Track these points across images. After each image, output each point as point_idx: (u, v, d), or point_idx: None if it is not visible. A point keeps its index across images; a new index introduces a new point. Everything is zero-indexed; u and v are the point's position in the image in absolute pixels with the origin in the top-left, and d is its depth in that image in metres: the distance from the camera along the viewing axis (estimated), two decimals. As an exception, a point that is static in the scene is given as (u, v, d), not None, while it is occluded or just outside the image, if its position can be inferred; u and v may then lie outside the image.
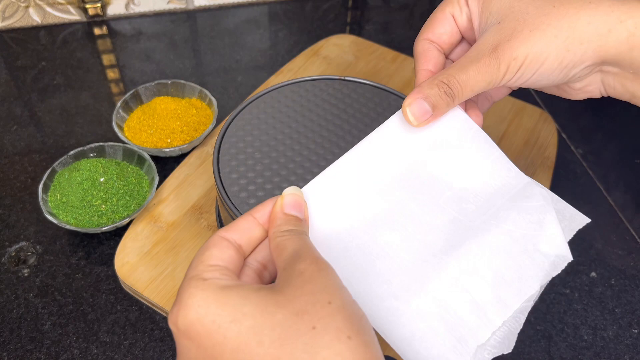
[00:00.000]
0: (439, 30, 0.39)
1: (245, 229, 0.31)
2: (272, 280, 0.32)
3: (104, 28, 0.75)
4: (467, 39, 0.40)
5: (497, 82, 0.34)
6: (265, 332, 0.25)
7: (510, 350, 0.31)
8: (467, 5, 0.37)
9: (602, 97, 0.37)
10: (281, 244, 0.29)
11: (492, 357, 0.30)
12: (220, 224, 0.50)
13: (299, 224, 0.31)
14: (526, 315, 0.32)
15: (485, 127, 0.61)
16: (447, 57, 0.41)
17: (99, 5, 0.74)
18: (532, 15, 0.33)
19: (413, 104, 0.35)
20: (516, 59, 0.33)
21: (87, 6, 0.74)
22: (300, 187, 0.43)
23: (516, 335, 0.31)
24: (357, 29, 0.78)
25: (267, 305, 0.25)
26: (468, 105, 0.39)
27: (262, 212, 0.32)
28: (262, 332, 0.25)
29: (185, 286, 0.27)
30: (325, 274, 0.27)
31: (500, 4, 0.35)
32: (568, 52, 0.33)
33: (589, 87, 0.36)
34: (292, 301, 0.25)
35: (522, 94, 0.69)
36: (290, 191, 0.32)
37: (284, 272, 0.28)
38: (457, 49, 0.41)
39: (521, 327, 0.32)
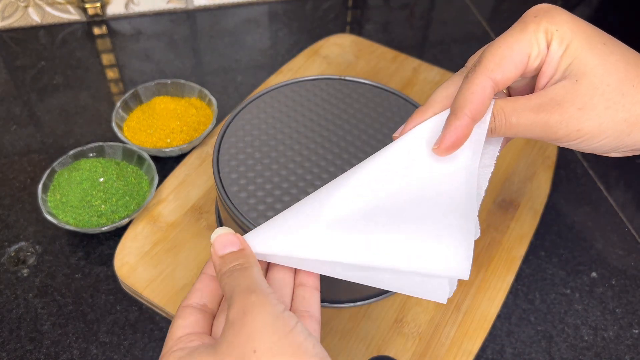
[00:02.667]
0: (509, 71, 0.32)
1: (203, 288, 0.32)
2: None
3: (104, 28, 0.75)
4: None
5: (546, 140, 0.32)
6: None
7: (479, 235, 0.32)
8: (548, 46, 0.32)
9: None
10: (225, 292, 0.30)
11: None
12: (220, 224, 0.50)
13: (238, 256, 0.31)
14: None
15: (486, 127, 0.61)
16: None
17: (98, 4, 0.74)
18: (611, 89, 0.30)
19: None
20: (579, 130, 0.31)
21: (87, 6, 0.74)
22: (301, 187, 0.43)
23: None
24: (357, 29, 0.78)
25: None
26: None
27: (211, 267, 0.33)
28: None
29: None
30: (251, 318, 0.27)
31: (584, 59, 0.31)
32: (629, 136, 0.31)
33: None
34: (224, 359, 0.27)
35: (523, 93, 0.69)
36: (218, 232, 0.32)
37: (225, 323, 0.28)
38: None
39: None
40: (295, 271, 0.34)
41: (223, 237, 0.32)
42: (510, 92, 0.37)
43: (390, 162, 0.34)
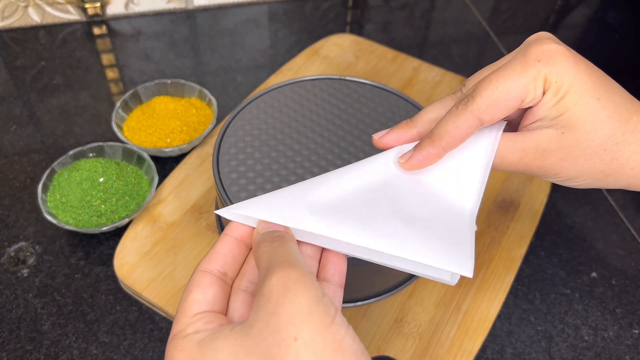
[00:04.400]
0: (499, 114, 0.32)
1: (226, 253, 0.30)
2: None
3: (104, 28, 0.75)
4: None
5: (516, 171, 0.34)
6: None
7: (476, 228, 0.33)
8: (544, 92, 0.32)
9: None
10: (259, 261, 0.28)
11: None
12: (220, 224, 0.50)
13: (274, 233, 0.30)
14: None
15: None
16: None
17: (98, 4, 0.74)
18: (595, 145, 0.32)
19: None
20: (557, 174, 0.33)
21: (87, 6, 0.74)
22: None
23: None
24: (357, 29, 0.78)
25: (238, 353, 0.25)
26: None
27: (237, 228, 0.31)
28: None
29: (169, 347, 0.27)
30: (292, 296, 0.24)
31: (577, 110, 0.31)
32: (602, 181, 0.34)
33: None
34: (258, 344, 0.24)
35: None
36: (261, 225, 0.31)
37: (256, 297, 0.26)
38: None
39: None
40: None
41: (267, 223, 0.31)
42: None
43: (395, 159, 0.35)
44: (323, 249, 0.32)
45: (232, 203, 0.42)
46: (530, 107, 0.33)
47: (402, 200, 0.33)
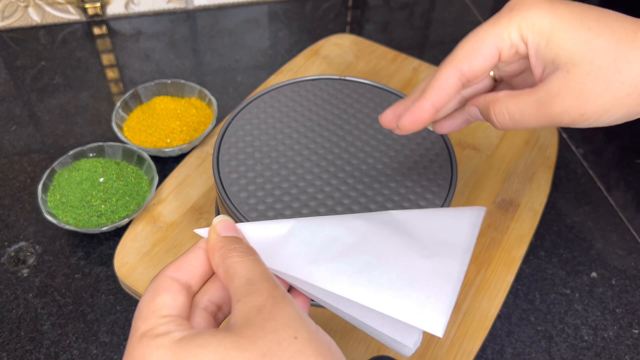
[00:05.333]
0: (476, 62, 0.33)
1: (196, 267, 0.29)
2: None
3: (104, 28, 0.75)
4: (506, 71, 0.36)
5: (549, 125, 0.33)
6: None
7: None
8: (525, 40, 0.32)
9: None
10: (231, 269, 0.27)
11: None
12: (220, 224, 0.50)
13: (241, 242, 0.30)
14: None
15: (486, 127, 0.61)
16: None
17: (98, 4, 0.74)
18: (605, 71, 0.30)
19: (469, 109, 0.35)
20: (583, 115, 0.31)
21: (87, 6, 0.74)
22: (301, 187, 0.43)
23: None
24: (357, 29, 0.78)
25: (228, 351, 0.24)
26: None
27: (203, 242, 0.30)
28: None
29: (137, 345, 0.25)
30: (284, 307, 0.25)
31: (570, 47, 0.31)
32: (638, 105, 0.31)
33: None
34: (254, 343, 0.24)
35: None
36: (219, 218, 0.31)
37: (239, 307, 0.26)
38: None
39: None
40: None
41: (225, 222, 0.30)
42: (513, 86, 0.37)
43: (391, 216, 0.35)
44: None
45: (232, 203, 0.42)
46: (531, 64, 0.33)
47: (383, 248, 0.32)
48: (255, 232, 0.32)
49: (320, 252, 0.32)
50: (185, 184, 0.54)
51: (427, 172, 0.45)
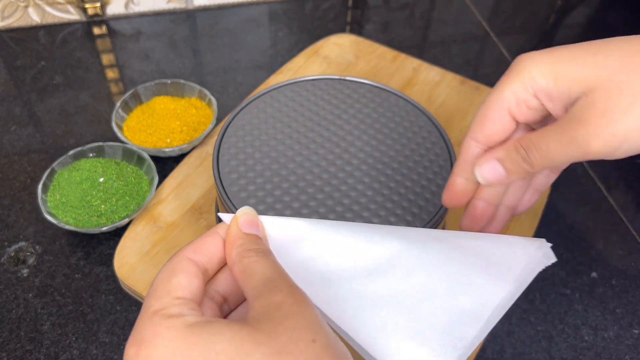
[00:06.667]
0: (489, 129, 0.34)
1: (214, 252, 0.29)
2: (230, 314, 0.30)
3: (104, 28, 0.75)
4: (533, 123, 0.35)
5: (585, 157, 0.30)
6: None
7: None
8: (531, 92, 0.32)
9: None
10: (249, 268, 0.27)
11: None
12: (220, 224, 0.50)
13: (261, 242, 0.29)
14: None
15: (486, 127, 0.61)
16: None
17: (98, 4, 0.74)
18: (627, 84, 0.28)
19: (484, 165, 0.33)
20: (614, 134, 0.28)
21: (87, 6, 0.74)
22: (301, 187, 0.43)
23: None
24: (357, 29, 0.78)
25: (243, 343, 0.23)
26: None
27: (223, 229, 0.30)
28: None
29: (148, 323, 0.25)
30: (305, 308, 0.24)
31: (580, 74, 0.30)
32: None
33: None
34: (271, 339, 0.23)
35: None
36: (243, 211, 0.30)
37: (257, 303, 0.25)
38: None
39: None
40: None
41: (249, 217, 0.30)
42: None
43: (436, 237, 0.33)
44: None
45: (232, 203, 0.42)
46: (549, 109, 0.32)
47: (405, 282, 0.30)
48: (277, 227, 0.31)
49: (335, 269, 0.30)
50: (185, 184, 0.54)
51: (427, 172, 0.45)
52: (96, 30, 0.74)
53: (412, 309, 0.29)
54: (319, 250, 0.31)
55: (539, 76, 0.31)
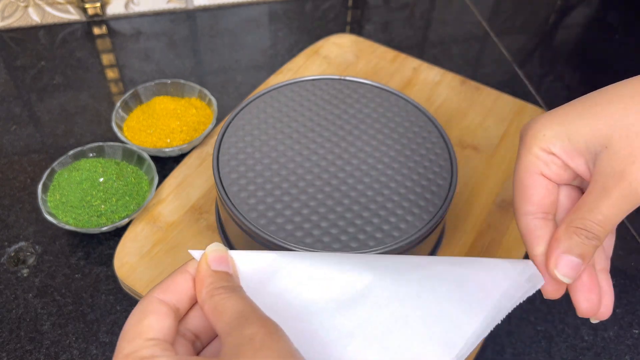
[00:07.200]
0: (534, 197, 0.33)
1: (184, 290, 0.28)
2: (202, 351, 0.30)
3: (104, 28, 0.75)
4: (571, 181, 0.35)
5: (637, 205, 0.30)
6: None
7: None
8: (551, 153, 0.32)
9: None
10: (219, 306, 0.27)
11: None
12: (220, 224, 0.50)
13: (231, 279, 0.29)
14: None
15: (486, 127, 0.61)
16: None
17: (98, 4, 0.74)
18: (637, 125, 0.29)
19: (560, 263, 0.31)
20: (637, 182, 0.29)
21: (87, 6, 0.74)
22: (301, 187, 0.43)
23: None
24: (357, 29, 0.78)
25: None
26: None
27: (193, 266, 0.30)
28: None
29: None
30: (277, 338, 0.24)
31: (592, 129, 0.30)
32: None
33: None
34: None
35: (523, 93, 0.69)
36: (212, 248, 0.30)
37: (230, 339, 0.25)
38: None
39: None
40: None
41: (218, 253, 0.29)
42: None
43: (409, 264, 0.32)
44: None
45: (232, 203, 0.42)
46: (576, 172, 0.32)
47: (375, 315, 0.29)
48: (248, 261, 0.31)
49: (305, 304, 0.29)
50: (185, 184, 0.54)
51: (427, 172, 0.45)
52: (96, 30, 0.74)
53: (384, 340, 0.28)
54: (290, 284, 0.30)
55: (554, 138, 0.31)
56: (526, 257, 0.52)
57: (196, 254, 0.30)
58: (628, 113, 0.29)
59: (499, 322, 0.30)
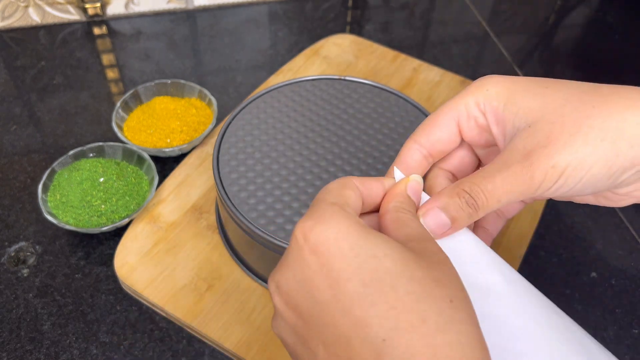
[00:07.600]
0: (434, 135, 0.33)
1: (372, 193, 0.30)
2: None
3: (104, 28, 0.75)
4: (477, 146, 0.35)
5: (531, 194, 0.29)
6: (402, 282, 0.24)
7: None
8: (482, 109, 0.32)
9: None
10: (403, 220, 0.28)
11: None
12: (220, 224, 0.50)
13: (415, 210, 0.30)
14: None
15: (486, 127, 0.61)
16: (438, 166, 0.35)
17: (98, 4, 0.74)
18: (570, 117, 0.28)
19: (428, 214, 0.30)
20: (555, 167, 0.28)
21: (87, 6, 0.74)
22: (301, 187, 0.43)
23: None
24: (357, 29, 0.78)
25: (408, 260, 0.25)
26: (476, 226, 0.36)
27: (389, 182, 0.31)
28: (399, 280, 0.24)
29: (327, 207, 0.26)
30: (448, 269, 0.26)
31: (528, 104, 0.30)
32: (618, 157, 0.28)
33: (637, 192, 0.31)
34: (431, 268, 0.25)
35: (523, 93, 0.69)
36: (415, 178, 0.31)
37: (410, 244, 0.26)
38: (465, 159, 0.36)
39: None
40: None
41: (419, 186, 0.31)
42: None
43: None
44: None
45: (232, 203, 0.42)
46: (493, 135, 0.33)
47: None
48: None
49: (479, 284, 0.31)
50: (185, 184, 0.54)
51: (427, 172, 0.45)
52: (96, 30, 0.74)
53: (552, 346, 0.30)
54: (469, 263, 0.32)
55: (494, 96, 0.31)
56: (526, 257, 0.52)
57: (398, 174, 0.32)
58: (566, 104, 0.29)
59: None
